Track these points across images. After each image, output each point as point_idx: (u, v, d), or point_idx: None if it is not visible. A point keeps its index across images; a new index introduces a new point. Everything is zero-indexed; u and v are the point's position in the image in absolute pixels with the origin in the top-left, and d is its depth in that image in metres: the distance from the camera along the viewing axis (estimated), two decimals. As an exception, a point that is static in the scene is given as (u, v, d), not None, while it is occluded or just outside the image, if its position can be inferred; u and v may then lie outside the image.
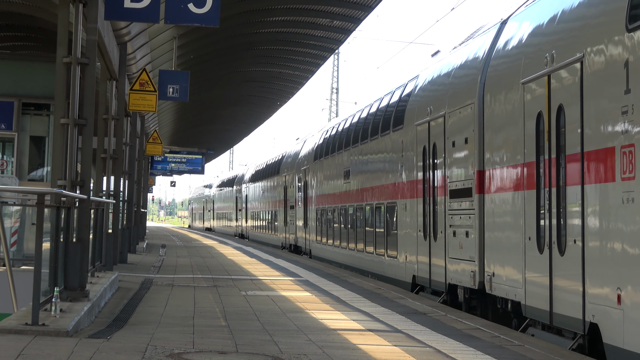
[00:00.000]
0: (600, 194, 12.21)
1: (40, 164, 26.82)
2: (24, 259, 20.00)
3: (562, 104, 13.67)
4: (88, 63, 16.65)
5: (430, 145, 21.02)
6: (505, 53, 16.82)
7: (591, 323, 12.37)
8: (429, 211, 21.15)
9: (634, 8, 11.42)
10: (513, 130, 15.82)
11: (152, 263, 30.72)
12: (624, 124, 11.43)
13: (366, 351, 11.96)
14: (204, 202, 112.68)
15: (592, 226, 12.44)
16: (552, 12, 14.69)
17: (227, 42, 34.88)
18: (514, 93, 15.84)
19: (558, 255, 13.67)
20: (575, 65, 13.18)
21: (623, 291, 11.39)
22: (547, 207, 14.19)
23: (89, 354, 10.66)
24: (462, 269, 18.52)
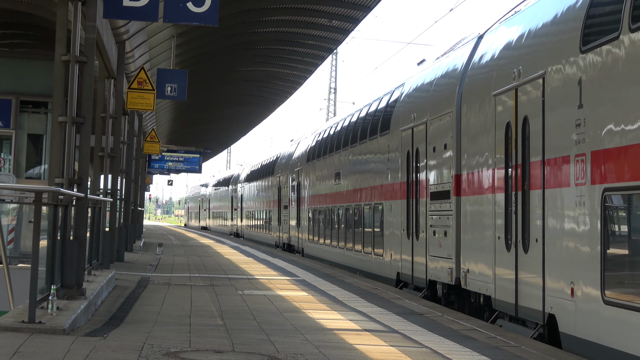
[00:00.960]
0: (558, 197, 13.60)
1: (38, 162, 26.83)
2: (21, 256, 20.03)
3: (527, 116, 15.08)
4: (86, 61, 16.65)
5: (414, 150, 22.44)
6: (480, 66, 18.18)
7: (549, 314, 13.75)
8: (412, 212, 22.51)
9: (586, 32, 12.86)
10: (486, 138, 17.25)
11: (148, 262, 30.71)
12: (578, 135, 12.93)
13: (363, 351, 11.97)
14: (199, 201, 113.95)
15: (551, 226, 13.84)
16: (521, 30, 16.09)
17: (225, 41, 34.87)
18: (486, 104, 17.25)
19: (523, 253, 15.02)
20: (538, 80, 14.59)
21: (575, 285, 12.84)
22: (514, 209, 15.58)
23: (86, 352, 10.66)
24: (440, 266, 19.86)
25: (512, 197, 15.71)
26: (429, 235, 20.80)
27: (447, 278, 19.33)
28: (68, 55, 16.21)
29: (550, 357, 12.10)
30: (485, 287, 17.01)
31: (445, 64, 21.39)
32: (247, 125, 66.20)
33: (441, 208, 19.98)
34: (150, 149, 45.89)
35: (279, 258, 35.85)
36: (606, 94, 12.20)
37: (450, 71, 20.61)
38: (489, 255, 16.71)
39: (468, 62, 19.33)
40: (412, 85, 24.11)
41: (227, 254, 38.25)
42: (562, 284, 13.31)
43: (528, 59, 15.29)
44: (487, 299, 17.00)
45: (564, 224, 13.35)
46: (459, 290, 19.04)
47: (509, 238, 15.75)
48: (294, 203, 43.98)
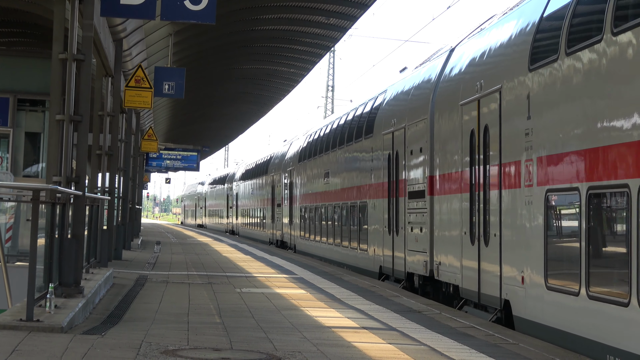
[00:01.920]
0: (511, 197, 15.59)
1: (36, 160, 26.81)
2: (19, 255, 20.01)
3: (487, 124, 16.99)
4: (84, 59, 16.63)
5: (394, 153, 24.33)
6: (450, 78, 20.14)
7: (505, 300, 15.65)
8: (392, 210, 24.36)
9: (533, 53, 14.87)
10: (454, 143, 19.13)
11: (146, 260, 30.71)
12: (526, 143, 14.89)
13: (361, 349, 11.97)
14: (196, 199, 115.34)
15: (506, 223, 15.81)
16: (484, 47, 18.03)
17: (223, 39, 34.85)
18: (455, 113, 19.16)
19: (484, 247, 16.92)
20: (496, 94, 16.53)
21: (525, 274, 14.76)
22: (477, 207, 17.51)
23: (84, 350, 10.66)
24: (417, 259, 21.72)
25: (476, 196, 17.61)
26: (407, 231, 22.60)
27: (422, 270, 21.11)
28: (65, 53, 16.20)
29: (549, 354, 12.11)
30: (454, 278, 18.89)
31: (421, 74, 23.34)
32: (244, 123, 66.17)
33: (417, 206, 21.81)
34: (148, 147, 45.85)
35: (277, 256, 35.87)
36: (548, 108, 14.18)
37: (425, 81, 22.53)
38: (457, 249, 18.61)
39: (440, 73, 21.20)
40: (393, 92, 26.01)
41: (225, 252, 38.25)
42: (515, 272, 15.21)
43: (488, 74, 17.20)
44: (456, 288, 18.82)
45: (516, 220, 15.30)
46: (432, 281, 20.82)
47: (473, 233, 17.62)
48: (286, 201, 45.47)
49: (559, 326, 13.33)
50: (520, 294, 14.87)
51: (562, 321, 13.22)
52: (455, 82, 19.57)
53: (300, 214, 40.97)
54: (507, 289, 15.52)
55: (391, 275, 24.41)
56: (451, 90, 19.68)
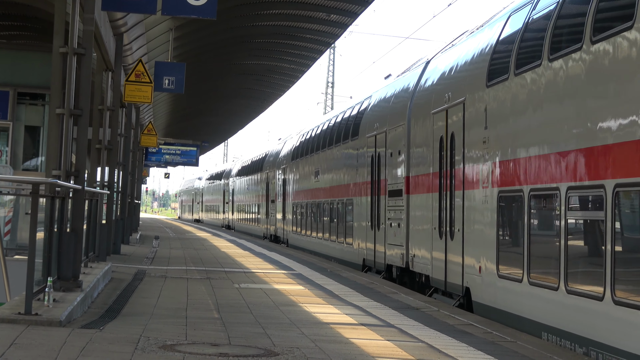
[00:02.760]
0: (472, 196, 17.71)
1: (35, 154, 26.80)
2: (18, 248, 19.99)
3: (453, 132, 19.09)
4: (84, 53, 16.63)
5: (377, 154, 26.50)
6: (425, 88, 22.26)
7: (466, 287, 17.83)
8: (374, 207, 26.46)
9: (490, 71, 17.10)
10: (427, 148, 21.30)
11: (145, 254, 30.72)
12: (484, 150, 17.08)
13: (359, 345, 11.98)
14: (193, 194, 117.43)
15: (467, 219, 17.99)
16: (453, 62, 20.24)
17: (223, 34, 34.85)
18: (427, 120, 21.26)
19: (450, 240, 19.13)
20: (460, 105, 18.63)
21: (481, 264, 16.95)
22: (444, 205, 19.65)
23: (82, 344, 10.66)
24: (395, 252, 23.87)
25: (444, 196, 19.74)
26: (387, 226, 24.76)
27: (400, 262, 23.31)
28: (66, 47, 16.20)
29: (546, 352, 12.12)
30: (425, 268, 21.06)
31: (401, 83, 25.64)
32: (244, 118, 66.16)
33: (396, 204, 23.95)
34: (147, 142, 45.86)
35: (276, 252, 35.87)
36: (500, 120, 16.43)
37: (404, 89, 24.74)
38: (428, 242, 20.82)
39: (417, 83, 23.29)
40: (377, 98, 28.36)
41: (224, 247, 38.25)
42: (474, 263, 17.41)
43: (455, 87, 19.39)
44: (427, 277, 21.00)
45: (475, 217, 17.55)
46: (408, 272, 22.98)
47: (441, 229, 19.82)
48: (280, 197, 47.51)
49: (507, 308, 15.55)
50: (478, 281, 17.16)
51: (509, 304, 15.48)
52: (428, 93, 21.71)
53: (293, 209, 43.02)
54: (467, 277, 17.82)
55: (373, 267, 26.53)
56: (425, 99, 21.85)
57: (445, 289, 19.35)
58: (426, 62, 23.63)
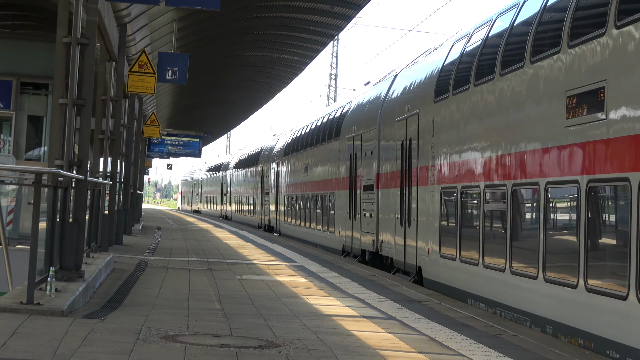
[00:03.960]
0: (423, 192, 21.46)
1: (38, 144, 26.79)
2: (20, 238, 20.00)
3: (411, 138, 22.70)
4: (88, 43, 16.62)
5: (354, 153, 30.06)
6: (391, 98, 25.76)
7: (419, 266, 21.55)
8: (352, 199, 30.10)
9: (436, 89, 20.71)
10: (392, 150, 24.90)
11: (147, 245, 30.73)
12: (431, 154, 20.77)
13: (360, 337, 11.99)
14: (192, 186, 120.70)
15: (420, 210, 21.60)
16: (413, 78, 23.88)
17: (227, 25, 34.82)
18: (393, 126, 24.83)
19: (408, 228, 22.75)
20: (416, 116, 22.26)
21: (429, 246, 20.71)
22: (404, 199, 23.17)
23: (84, 333, 10.67)
24: (368, 239, 27.48)
25: (404, 190, 23.24)
26: (362, 216, 28.41)
27: (371, 247, 26.99)
28: (69, 37, 16.18)
29: (547, 345, 12.12)
30: (390, 252, 24.57)
31: (374, 92, 29.34)
32: (247, 110, 66.16)
33: (369, 197, 27.56)
34: (150, 133, 45.83)
35: (277, 243, 35.90)
36: (442, 130, 20.20)
37: (376, 97, 28.38)
38: (393, 230, 24.33)
39: (386, 93, 26.81)
40: (355, 103, 32.06)
41: (226, 239, 38.28)
42: (424, 246, 21.09)
43: (413, 100, 23.01)
44: (392, 260, 24.45)
45: (425, 208, 21.24)
46: (378, 255, 26.47)
47: (402, 218, 23.31)
48: (273, 190, 51.26)
49: (446, 282, 19.37)
50: (427, 261, 20.87)
51: (447, 277, 19.32)
52: (394, 103, 25.21)
53: (284, 201, 46.81)
54: (420, 258, 21.51)
55: (350, 252, 30.12)
56: (391, 108, 25.36)
57: (404, 269, 23.05)
58: (394, 75, 27.26)
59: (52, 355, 9.29)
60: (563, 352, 11.68)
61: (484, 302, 16.72)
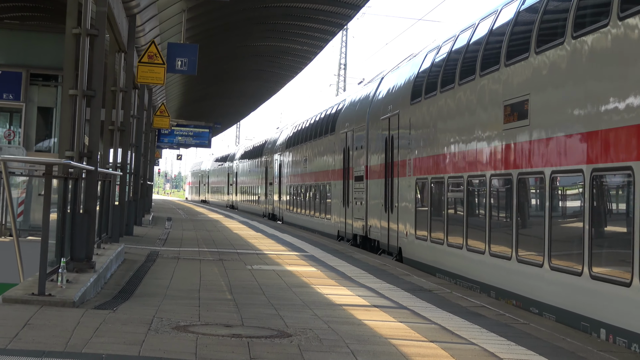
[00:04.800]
0: (402, 182, 24.47)
1: (48, 135, 26.82)
2: (31, 229, 20.05)
3: (393, 135, 25.65)
4: (97, 34, 16.61)
5: (347, 147, 33.03)
6: (378, 99, 28.72)
7: (399, 247, 24.61)
8: (346, 189, 33.13)
9: (413, 93, 23.67)
10: (378, 145, 27.78)
11: (157, 236, 30.77)
12: (409, 148, 23.72)
13: (371, 327, 11.98)
14: (200, 176, 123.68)
15: (400, 198, 24.61)
16: (395, 81, 26.75)
17: (236, 15, 34.77)
18: (378, 123, 27.76)
19: (391, 214, 25.73)
20: (397, 115, 25.16)
21: (407, 230, 23.77)
22: (388, 188, 26.12)
23: (95, 324, 10.69)
24: (359, 224, 30.55)
25: (388, 181, 26.16)
26: (354, 204, 31.45)
27: (361, 232, 30.06)
28: (79, 28, 16.17)
29: (559, 334, 12.11)
30: (377, 235, 27.72)
31: (365, 91, 32.24)
32: (256, 100, 66.10)
33: (359, 187, 30.50)
34: (159, 123, 45.84)
35: (288, 233, 35.91)
36: (417, 129, 23.15)
37: (365, 97, 31.39)
38: (378, 216, 27.46)
39: (374, 94, 29.71)
40: (348, 101, 34.98)
41: (236, 229, 38.31)
42: (404, 229, 24.13)
43: (394, 101, 25.90)
44: (378, 242, 27.69)
45: (404, 196, 24.32)
46: (367, 239, 29.48)
47: (386, 205, 26.34)
48: (276, 180, 54.26)
49: (420, 259, 22.45)
50: (406, 242, 23.97)
51: (421, 256, 22.41)
52: (379, 103, 28.15)
53: (287, 191, 50.10)
54: (400, 240, 24.58)
55: (344, 236, 33.18)
56: (377, 108, 28.30)
57: (388, 250, 26.13)
58: (381, 78, 30.05)
59: (64, 346, 9.30)
60: (574, 341, 11.66)
61: (448, 274, 19.90)
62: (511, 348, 10.87)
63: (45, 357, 8.67)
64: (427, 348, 10.61)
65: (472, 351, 10.52)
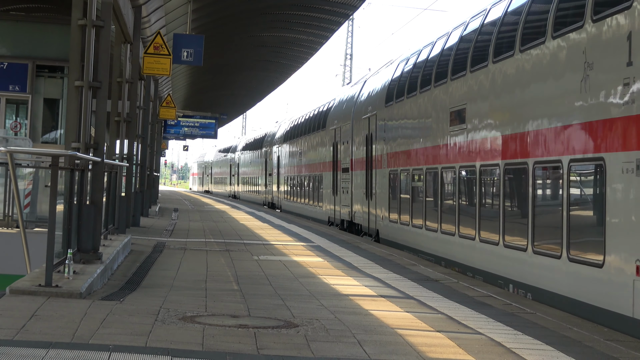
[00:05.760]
0: (379, 173, 28.20)
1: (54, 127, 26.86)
2: (37, 221, 20.07)
3: (372, 133, 29.52)
4: (103, 26, 16.61)
5: (335, 142, 36.88)
6: (360, 100, 32.64)
7: (377, 229, 28.51)
8: (335, 179, 36.84)
9: (386, 97, 27.50)
10: (361, 141, 31.54)
11: (164, 227, 30.80)
12: (383, 145, 27.70)
13: (378, 317, 11.99)
14: (203, 167, 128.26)
15: (378, 186, 28.42)
16: (374, 85, 30.63)
17: (241, 6, 34.73)
18: (361, 122, 31.60)
19: (370, 200, 29.59)
20: (374, 116, 29.16)
21: (383, 214, 27.49)
22: (368, 178, 29.91)
23: (102, 315, 10.71)
24: (345, 210, 34.44)
25: (368, 172, 29.92)
26: (341, 193, 35.35)
27: (347, 217, 33.86)
28: (85, 19, 16.16)
29: (565, 323, 12.10)
30: (360, 220, 31.48)
31: (351, 92, 36.15)
32: (262, 90, 66.04)
33: (346, 177, 34.28)
34: (166, 114, 45.83)
35: (294, 224, 35.94)
36: (390, 128, 26.99)
37: (350, 97, 35.46)
38: (361, 203, 31.23)
39: (357, 95, 33.71)
40: (338, 100, 38.95)
41: (243, 220, 38.33)
42: (381, 214, 28.02)
43: (373, 103, 29.84)
44: (360, 226, 31.49)
45: (380, 185, 28.13)
46: (352, 223, 33.19)
47: (367, 193, 30.17)
48: (275, 171, 58.11)
49: (393, 239, 26.15)
50: (382, 225, 27.82)
51: (394, 236, 26.14)
52: (362, 104, 32.10)
53: (284, 181, 54.17)
54: (377, 223, 28.49)
55: (334, 222, 37.05)
56: (360, 108, 32.21)
57: (368, 232, 29.90)
58: (365, 81, 34.04)
59: (71, 337, 9.33)
60: (581, 330, 11.66)
61: (412, 250, 23.67)
62: (518, 337, 10.87)
63: (52, 348, 8.69)
64: (434, 338, 10.62)
65: (479, 341, 10.53)
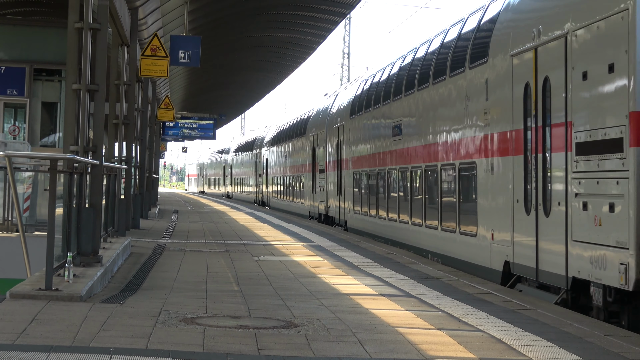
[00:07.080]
0: (346, 174, 33.79)
1: (52, 130, 26.84)
2: (37, 224, 20.06)
3: (341, 140, 34.91)
4: (100, 28, 16.62)
5: (313, 147, 42.24)
6: (332, 112, 37.55)
7: (345, 220, 33.95)
8: (314, 179, 41.95)
9: (350, 110, 33.31)
10: (333, 146, 36.53)
11: (164, 228, 30.80)
12: (349, 150, 33.17)
13: (379, 315, 12.00)
14: (198, 169, 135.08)
15: (345, 184, 33.89)
16: (343, 99, 36.10)
17: (238, 6, 34.74)
18: (333, 130, 36.67)
19: (341, 196, 34.72)
20: (343, 125, 34.39)
21: (353, 207, 32.60)
22: (339, 178, 34.91)
23: (103, 318, 10.71)
24: (322, 205, 39.30)
25: (339, 172, 35.02)
26: (319, 190, 40.34)
27: (324, 211, 38.91)
28: (81, 22, 16.16)
29: (567, 320, 12.11)
30: (333, 213, 36.79)
31: (326, 103, 41.15)
32: (260, 91, 66.06)
33: (322, 177, 39.39)
34: (164, 116, 45.87)
35: (294, 224, 35.95)
36: (351, 137, 32.82)
37: (325, 108, 40.75)
38: (334, 198, 36.54)
39: (330, 107, 38.81)
40: (316, 110, 44.25)
41: (242, 220, 38.34)
42: (348, 206, 33.36)
43: (341, 115, 35.22)
44: (334, 218, 37.01)
45: (347, 184, 33.46)
46: (327, 216, 38.28)
47: (338, 190, 35.42)
48: (264, 172, 63.59)
49: (358, 228, 31.24)
50: (350, 216, 33.09)
51: (359, 225, 31.19)
52: (333, 115, 37.24)
53: (272, 181, 59.80)
54: (346, 215, 33.74)
55: (313, 216, 42.31)
56: (332, 118, 37.30)
57: (339, 223, 35.16)
58: (336, 94, 39.25)
59: (71, 340, 9.33)
60: (581, 326, 11.67)
61: (370, 236, 28.86)
62: (518, 334, 10.88)
63: (53, 351, 8.70)
64: (435, 336, 10.63)
65: (479, 338, 10.54)
